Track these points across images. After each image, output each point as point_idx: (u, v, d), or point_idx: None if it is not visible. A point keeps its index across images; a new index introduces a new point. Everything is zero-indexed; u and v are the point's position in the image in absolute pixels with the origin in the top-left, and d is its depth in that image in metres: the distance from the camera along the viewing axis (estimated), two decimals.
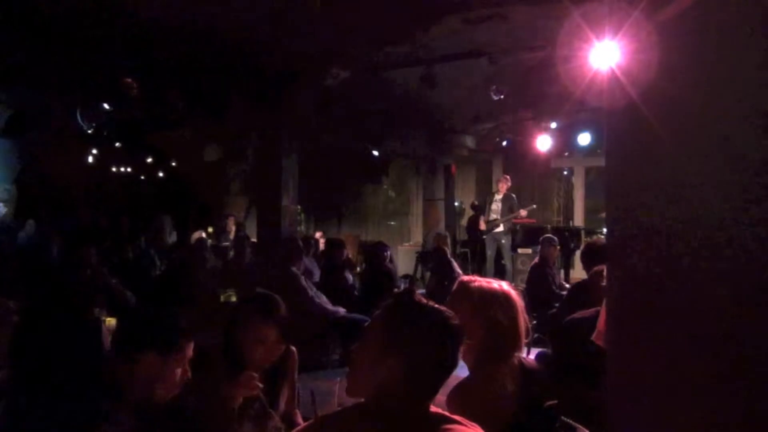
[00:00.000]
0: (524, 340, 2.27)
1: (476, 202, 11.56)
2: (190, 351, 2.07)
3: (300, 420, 2.64)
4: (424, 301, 1.59)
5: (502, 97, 8.04)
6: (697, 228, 1.29)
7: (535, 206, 10.74)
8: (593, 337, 2.71)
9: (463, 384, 2.14)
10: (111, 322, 3.84)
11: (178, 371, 2.04)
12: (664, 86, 1.34)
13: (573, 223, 12.37)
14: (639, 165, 1.39)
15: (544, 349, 3.85)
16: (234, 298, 4.91)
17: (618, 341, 1.45)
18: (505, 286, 2.31)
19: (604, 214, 1.62)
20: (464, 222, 12.16)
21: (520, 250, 10.25)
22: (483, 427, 1.58)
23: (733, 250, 1.25)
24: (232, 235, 10.49)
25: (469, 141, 12.23)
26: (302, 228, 14.14)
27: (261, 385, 2.38)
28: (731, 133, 1.26)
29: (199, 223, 11.71)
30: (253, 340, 2.45)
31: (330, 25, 5.72)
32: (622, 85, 1.41)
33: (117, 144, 12.05)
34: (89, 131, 8.82)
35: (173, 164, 14.13)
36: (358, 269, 7.46)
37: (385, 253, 6.80)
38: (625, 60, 1.42)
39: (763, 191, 1.22)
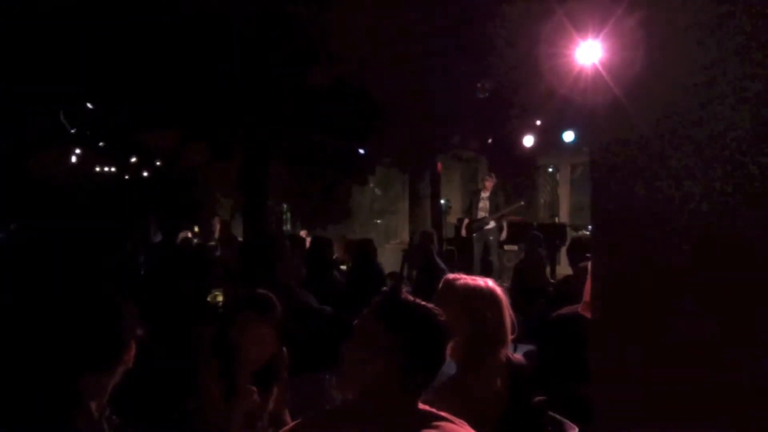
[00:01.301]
0: (510, 336, 2.29)
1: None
2: None
3: (289, 419, 2.64)
4: (411, 298, 1.60)
5: (487, 95, 8.07)
6: (679, 220, 1.30)
7: (523, 203, 10.79)
8: (580, 309, 2.74)
9: (451, 381, 2.15)
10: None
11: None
12: (646, 83, 1.35)
13: (559, 219, 12.44)
14: (623, 160, 1.41)
15: (531, 346, 3.87)
16: (220, 299, 4.88)
17: (602, 323, 1.46)
18: (490, 282, 2.33)
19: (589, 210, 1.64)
20: (451, 219, 12.19)
21: (506, 247, 10.29)
22: (472, 424, 1.59)
23: (713, 241, 1.27)
24: (217, 235, 10.45)
25: (455, 139, 12.26)
26: (288, 227, 14.12)
27: (257, 398, 2.38)
28: (714, 129, 1.27)
29: (186, 223, 11.65)
30: (249, 341, 2.44)
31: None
32: (606, 82, 1.42)
33: (101, 144, 11.96)
34: (72, 131, 8.75)
35: (158, 164, 14.04)
36: (343, 267, 7.45)
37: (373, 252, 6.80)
38: (608, 57, 1.44)
39: (745, 183, 1.24)
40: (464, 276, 2.36)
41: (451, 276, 2.36)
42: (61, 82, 7.56)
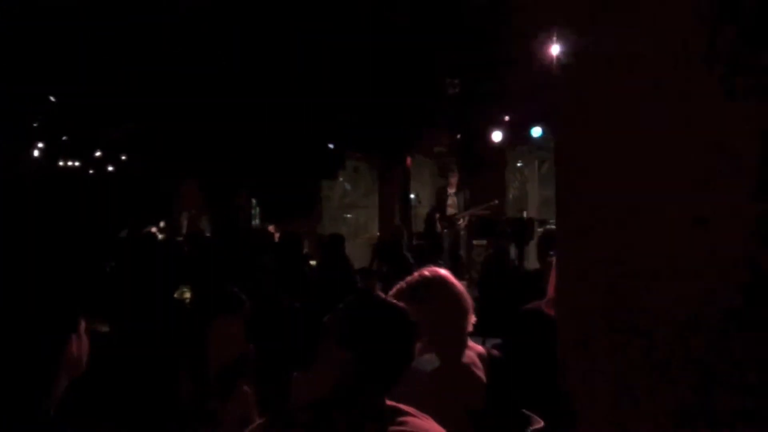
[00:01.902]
0: (473, 319, 2.32)
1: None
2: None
3: (256, 418, 2.62)
4: (382, 297, 1.62)
5: (457, 90, 8.11)
6: (640, 214, 1.32)
7: (497, 202, 10.88)
8: (543, 304, 2.78)
9: (433, 375, 2.15)
10: None
11: None
12: (610, 78, 1.37)
13: (527, 214, 12.57)
14: (587, 154, 1.42)
15: (498, 340, 3.92)
16: (188, 295, 4.83)
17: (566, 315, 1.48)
18: (441, 271, 2.36)
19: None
20: (420, 214, 12.23)
21: (475, 242, 10.37)
22: (453, 418, 1.61)
23: (681, 235, 1.29)
24: (185, 230, 10.32)
25: (425, 134, 12.29)
26: (256, 222, 14.01)
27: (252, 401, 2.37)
28: (676, 124, 1.29)
29: (151, 218, 11.48)
30: (219, 337, 2.43)
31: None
32: (572, 77, 1.43)
33: (64, 138, 11.72)
34: (35, 124, 8.55)
35: (123, 158, 13.81)
36: (313, 262, 7.42)
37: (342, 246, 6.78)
38: (573, 53, 1.44)
39: (706, 175, 1.26)
40: (439, 269, 2.38)
41: (426, 271, 2.37)
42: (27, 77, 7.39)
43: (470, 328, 2.30)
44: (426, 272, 2.34)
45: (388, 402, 1.57)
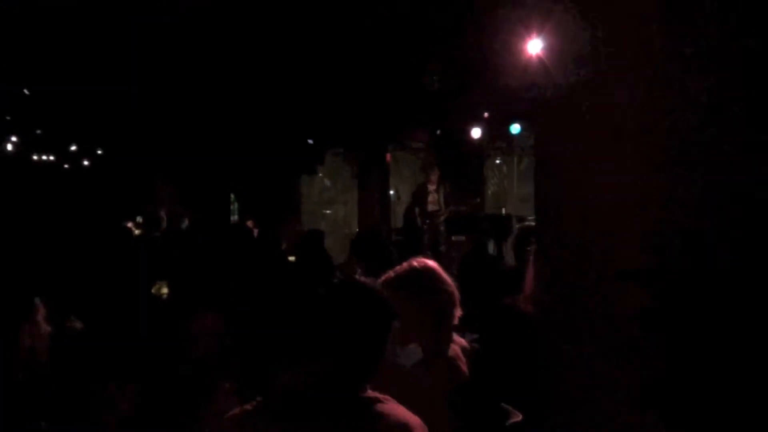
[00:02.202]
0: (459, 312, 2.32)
1: (416, 191, 11.66)
2: None
3: None
4: (361, 286, 1.61)
5: (436, 87, 8.12)
6: (616, 207, 1.34)
7: (478, 200, 10.93)
8: (520, 300, 2.80)
9: (418, 367, 2.15)
10: None
11: None
12: (586, 77, 1.38)
13: (505, 210, 12.65)
14: (564, 151, 1.43)
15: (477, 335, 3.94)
16: (165, 291, 4.78)
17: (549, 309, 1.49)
18: (430, 262, 2.36)
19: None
20: (400, 210, 12.24)
21: (453, 238, 10.40)
22: (438, 409, 1.62)
23: (659, 233, 1.31)
24: (164, 224, 10.21)
25: (404, 130, 12.31)
26: (235, 217, 13.92)
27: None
28: (656, 122, 1.31)
29: (128, 213, 11.34)
30: (200, 332, 2.41)
31: None
32: (550, 76, 1.44)
33: (38, 131, 11.53)
34: (8, 117, 8.40)
35: (99, 152, 13.63)
36: (292, 258, 7.39)
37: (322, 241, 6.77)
38: (550, 52, 1.46)
39: (690, 174, 1.28)
40: (427, 260, 2.37)
41: (415, 261, 2.36)
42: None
43: (456, 321, 2.30)
44: (415, 263, 2.34)
45: (370, 392, 1.57)
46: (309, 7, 6.47)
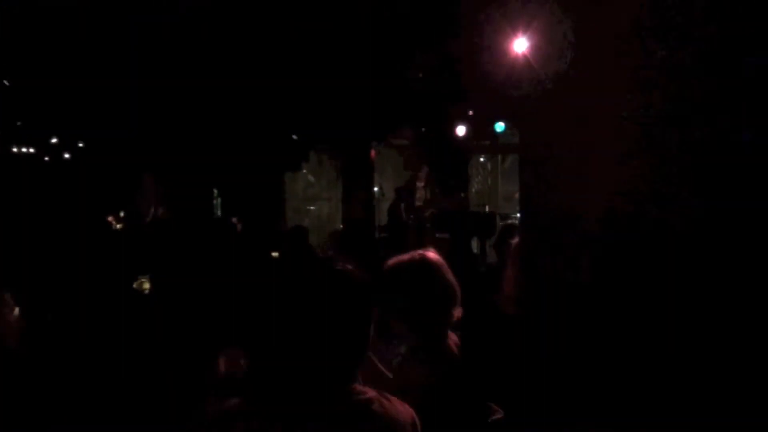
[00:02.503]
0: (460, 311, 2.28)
1: (400, 188, 11.68)
2: None
3: None
4: (342, 274, 1.57)
5: (421, 84, 8.12)
6: (597, 203, 1.35)
7: (463, 195, 10.96)
8: (500, 300, 2.79)
9: (413, 362, 2.12)
10: None
11: None
12: (571, 76, 1.39)
13: (489, 208, 12.70)
14: (549, 148, 1.44)
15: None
16: (147, 286, 4.74)
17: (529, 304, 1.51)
18: (432, 254, 2.30)
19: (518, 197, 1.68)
20: (384, 206, 12.24)
21: (437, 235, 10.42)
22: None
23: (646, 230, 1.32)
24: (149, 219, 10.10)
25: (389, 127, 12.30)
26: (218, 212, 13.83)
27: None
28: (630, 119, 1.32)
29: (111, 206, 11.22)
30: None
31: None
32: (536, 74, 1.45)
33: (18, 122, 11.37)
34: None
35: (80, 145, 13.47)
36: (275, 254, 7.37)
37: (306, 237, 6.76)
38: (536, 51, 1.46)
39: (672, 177, 1.29)
40: (429, 253, 2.31)
41: (417, 253, 2.30)
42: None
43: (454, 319, 2.23)
44: (417, 255, 2.29)
45: (358, 387, 1.55)
46: (294, 4, 6.44)
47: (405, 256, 2.27)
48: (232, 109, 9.88)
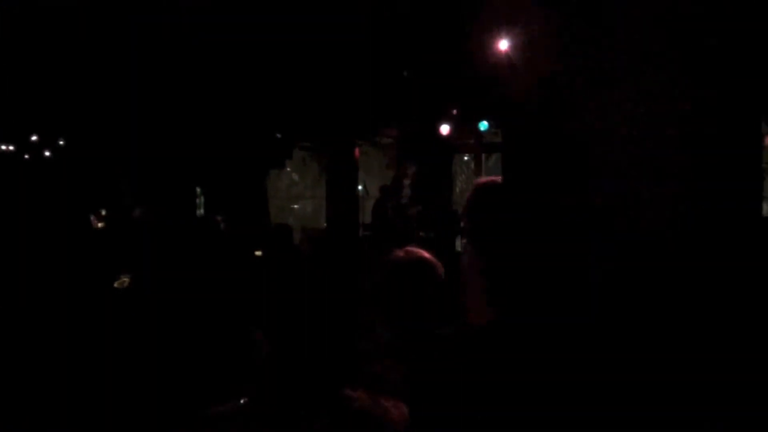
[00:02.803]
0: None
1: (385, 186, 11.68)
2: None
3: None
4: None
5: (406, 82, 8.13)
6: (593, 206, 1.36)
7: (447, 195, 11.00)
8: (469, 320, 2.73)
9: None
10: None
11: None
12: (554, 75, 1.40)
13: None
14: (532, 148, 1.45)
15: None
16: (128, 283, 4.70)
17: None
18: (419, 251, 2.22)
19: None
20: (368, 205, 12.23)
21: (422, 234, 10.44)
22: None
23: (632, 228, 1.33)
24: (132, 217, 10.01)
25: (373, 125, 12.30)
26: (201, 211, 13.75)
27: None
28: (617, 121, 1.33)
29: (92, 205, 11.11)
30: None
31: None
32: (519, 73, 1.45)
33: None
34: None
35: (61, 142, 13.32)
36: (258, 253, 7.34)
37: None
38: (520, 50, 1.47)
39: (652, 177, 1.30)
40: (416, 250, 2.24)
41: (402, 252, 2.22)
42: None
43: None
44: (403, 252, 2.17)
45: (348, 391, 1.54)
46: (278, 3, 6.41)
47: (393, 253, 2.19)
48: (216, 107, 9.83)
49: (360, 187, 13.26)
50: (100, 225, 9.43)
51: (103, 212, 10.48)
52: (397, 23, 6.78)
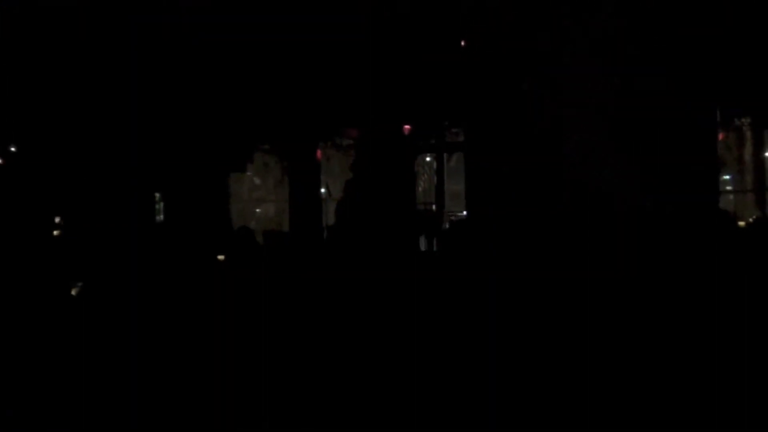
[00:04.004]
0: None
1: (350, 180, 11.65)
2: None
3: None
4: None
5: (368, 84, 8.12)
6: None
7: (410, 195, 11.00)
8: None
9: None
10: None
11: None
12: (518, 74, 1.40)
13: (435, 206, 12.80)
14: (493, 148, 1.45)
15: None
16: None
17: None
18: None
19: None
20: (331, 207, 12.19)
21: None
22: None
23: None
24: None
25: (334, 127, 12.27)
26: (161, 217, 13.52)
27: None
28: (593, 112, 1.34)
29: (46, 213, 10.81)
30: None
31: None
32: (480, 73, 1.46)
33: None
34: None
35: (12, 149, 12.92)
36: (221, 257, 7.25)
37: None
38: (484, 51, 1.47)
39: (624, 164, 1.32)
40: None
41: None
42: None
43: None
44: None
45: None
46: (234, 4, 6.33)
47: None
48: (175, 110, 9.68)
49: (322, 190, 13.21)
50: (55, 233, 9.21)
51: (57, 220, 10.23)
52: (364, 24, 6.77)
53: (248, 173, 14.51)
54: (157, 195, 14.16)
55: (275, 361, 3.04)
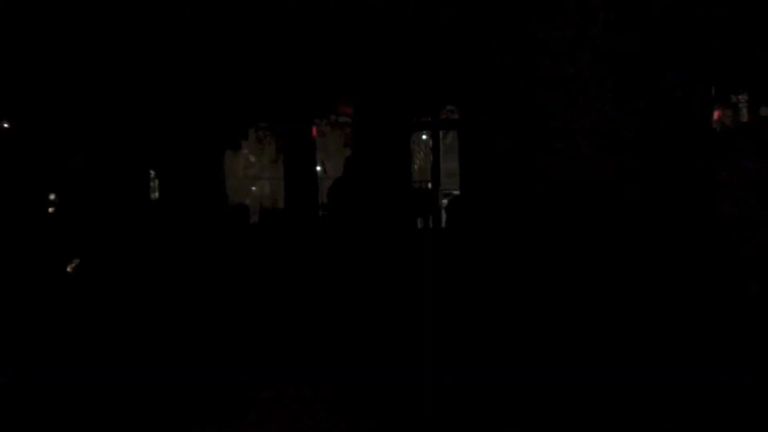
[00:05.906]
0: None
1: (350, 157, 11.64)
2: None
3: None
4: None
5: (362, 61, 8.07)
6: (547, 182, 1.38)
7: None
8: None
9: None
10: None
11: None
12: (513, 54, 1.40)
13: (431, 185, 12.81)
14: (488, 127, 1.45)
15: None
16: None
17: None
18: None
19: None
20: (326, 185, 12.17)
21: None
22: None
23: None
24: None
25: (330, 103, 12.22)
26: (155, 195, 13.49)
27: None
28: (576, 103, 1.34)
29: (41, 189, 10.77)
30: None
31: None
32: (475, 54, 1.45)
33: None
34: None
35: (5, 125, 12.83)
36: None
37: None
38: (478, 32, 1.47)
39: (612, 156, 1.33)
40: None
41: None
42: None
43: None
44: None
45: None
46: None
47: None
48: (168, 86, 9.62)
49: (318, 168, 13.19)
50: (50, 209, 9.19)
51: (52, 197, 10.19)
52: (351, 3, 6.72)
53: (243, 150, 14.47)
54: (152, 172, 14.12)
55: None
